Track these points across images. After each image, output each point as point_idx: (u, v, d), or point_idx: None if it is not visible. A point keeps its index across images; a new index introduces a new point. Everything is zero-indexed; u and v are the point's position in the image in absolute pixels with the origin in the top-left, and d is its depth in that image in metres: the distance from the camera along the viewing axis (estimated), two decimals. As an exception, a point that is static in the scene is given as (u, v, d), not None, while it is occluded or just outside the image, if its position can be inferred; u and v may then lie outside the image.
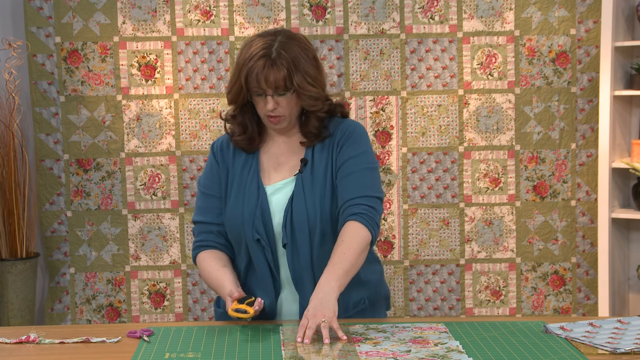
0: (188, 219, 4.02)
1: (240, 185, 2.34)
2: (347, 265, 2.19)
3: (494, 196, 4.05)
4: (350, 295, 2.32)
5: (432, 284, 4.07)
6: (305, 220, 2.27)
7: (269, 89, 2.24)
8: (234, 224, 2.32)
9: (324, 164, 2.32)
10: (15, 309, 3.95)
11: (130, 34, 3.99)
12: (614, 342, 1.98)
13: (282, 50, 2.25)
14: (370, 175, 2.31)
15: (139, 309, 4.07)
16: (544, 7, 3.98)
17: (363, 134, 2.35)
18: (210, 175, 2.40)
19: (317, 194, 2.29)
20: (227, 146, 2.40)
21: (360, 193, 2.27)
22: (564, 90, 4.02)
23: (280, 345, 2.03)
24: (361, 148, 2.32)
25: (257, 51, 2.26)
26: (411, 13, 3.99)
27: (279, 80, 2.24)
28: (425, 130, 4.03)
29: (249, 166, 2.36)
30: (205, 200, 2.39)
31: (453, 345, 2.00)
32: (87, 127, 4.02)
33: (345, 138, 2.32)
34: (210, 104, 4.01)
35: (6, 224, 3.98)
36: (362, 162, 2.31)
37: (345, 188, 2.28)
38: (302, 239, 2.28)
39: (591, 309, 4.05)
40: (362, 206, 2.25)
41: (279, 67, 2.23)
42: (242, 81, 2.27)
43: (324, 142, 2.34)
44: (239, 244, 2.35)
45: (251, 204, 2.31)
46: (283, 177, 2.34)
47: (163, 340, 2.10)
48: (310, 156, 2.33)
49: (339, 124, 2.36)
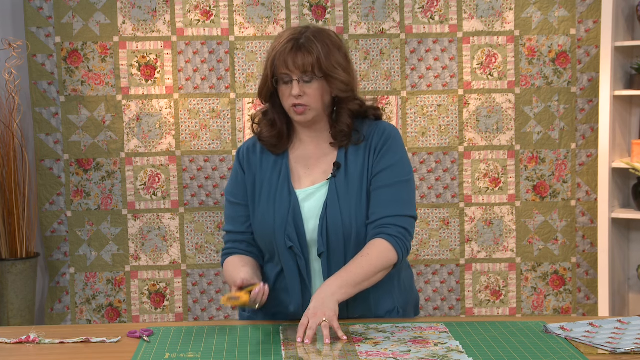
0: (188, 219, 4.02)
1: (270, 190, 2.27)
2: (359, 279, 2.15)
3: (494, 196, 4.05)
4: (382, 304, 2.29)
5: (432, 284, 4.07)
6: (340, 228, 2.20)
7: (296, 72, 2.17)
8: (264, 231, 2.26)
9: (359, 169, 2.24)
10: (15, 309, 3.95)
11: (130, 34, 3.99)
12: (614, 342, 1.98)
13: (312, 37, 2.20)
14: (407, 190, 2.24)
15: (139, 309, 4.07)
16: (544, 7, 3.98)
17: (399, 138, 2.27)
18: (236, 183, 2.33)
19: (353, 200, 2.22)
20: (254, 150, 2.32)
21: (395, 212, 2.20)
22: (564, 90, 4.02)
23: (280, 345, 2.03)
24: (398, 155, 2.25)
25: (287, 37, 2.21)
26: (411, 13, 3.99)
27: (307, 65, 2.16)
28: (425, 130, 4.03)
29: (278, 170, 2.28)
30: (232, 209, 2.33)
31: (453, 345, 2.00)
32: (87, 127, 4.02)
33: (383, 143, 2.24)
34: (210, 104, 4.01)
35: (6, 224, 3.98)
36: (399, 173, 2.23)
37: (379, 202, 2.21)
38: (336, 247, 2.21)
39: (591, 309, 4.05)
40: (397, 227, 2.19)
41: (308, 51, 2.17)
42: (268, 67, 2.20)
43: (359, 145, 2.25)
44: (269, 251, 2.28)
45: (283, 210, 2.23)
46: (314, 180, 2.27)
47: (163, 340, 2.10)
48: (343, 159, 2.25)
49: (374, 126, 2.27)
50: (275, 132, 2.28)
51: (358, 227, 2.21)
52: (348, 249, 2.22)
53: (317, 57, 2.17)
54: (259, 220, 2.27)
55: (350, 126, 2.25)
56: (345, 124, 2.24)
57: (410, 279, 2.41)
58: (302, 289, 2.25)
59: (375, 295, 2.29)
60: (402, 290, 2.35)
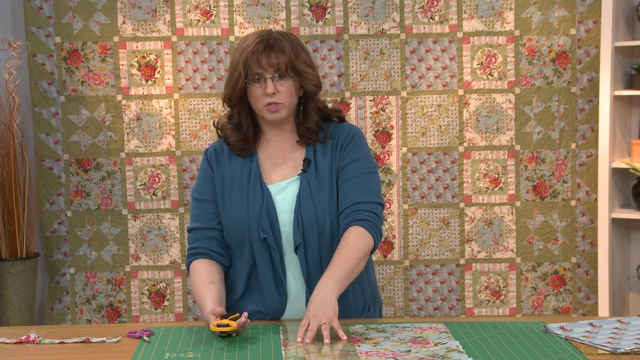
0: (188, 219, 4.02)
1: (242, 186, 2.30)
2: (349, 269, 2.18)
3: (494, 196, 4.05)
4: (358, 303, 2.33)
5: (432, 284, 4.07)
6: (314, 221, 2.25)
7: (270, 71, 2.23)
8: (237, 226, 2.28)
9: (328, 165, 2.30)
10: (15, 309, 3.95)
11: (130, 34, 3.99)
12: (614, 342, 1.98)
13: (280, 37, 2.27)
14: (373, 180, 2.31)
15: (139, 309, 4.07)
16: (544, 7, 3.98)
17: (363, 138, 2.36)
18: (204, 180, 2.36)
19: (325, 194, 2.27)
20: (222, 150, 2.37)
21: (363, 198, 2.26)
22: (564, 90, 4.02)
23: (280, 345, 2.03)
24: (363, 152, 2.33)
25: (254, 39, 2.26)
26: (411, 13, 3.99)
27: (280, 63, 2.23)
28: (425, 130, 4.03)
29: (248, 167, 2.32)
30: (198, 207, 2.35)
31: (453, 345, 2.00)
32: (87, 127, 4.02)
33: (348, 141, 2.32)
34: (210, 104, 4.01)
35: (6, 224, 3.98)
36: (364, 165, 2.31)
37: (348, 191, 2.28)
38: (311, 240, 2.26)
39: (591, 309, 4.06)
40: (367, 212, 2.25)
41: (281, 50, 2.24)
42: (240, 68, 2.24)
43: (326, 143, 2.32)
44: (241, 246, 2.30)
45: (256, 204, 2.27)
46: (283, 176, 2.32)
47: (163, 340, 2.10)
48: (312, 156, 2.31)
49: (339, 127, 2.35)
50: (242, 135, 2.33)
51: (331, 219, 2.27)
52: (322, 242, 2.26)
53: (289, 56, 2.24)
54: (231, 215, 2.29)
55: (318, 123, 2.32)
56: (313, 121, 2.31)
57: (375, 281, 2.46)
58: (277, 283, 2.27)
59: (353, 293, 2.32)
60: (370, 289, 2.40)
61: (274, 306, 2.27)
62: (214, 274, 2.29)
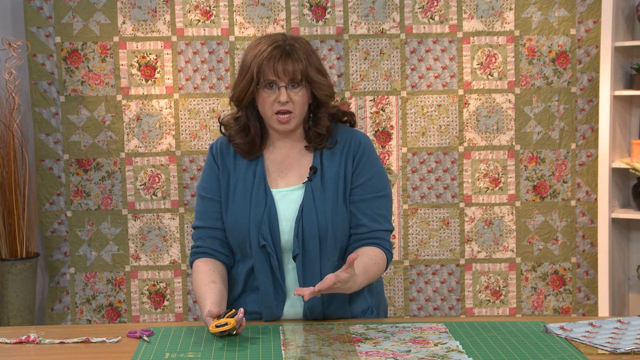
0: (188, 219, 4.02)
1: (245, 188, 2.27)
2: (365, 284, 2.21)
3: (494, 196, 4.05)
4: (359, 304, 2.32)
5: (432, 284, 4.07)
6: (316, 231, 2.22)
7: (284, 79, 2.19)
8: (238, 228, 2.26)
9: (334, 173, 2.26)
10: (15, 309, 3.95)
11: (130, 34, 3.99)
12: (614, 342, 1.98)
13: (295, 44, 2.22)
14: (387, 205, 2.31)
15: (139, 309, 4.07)
16: (544, 7, 3.98)
17: (374, 149, 2.34)
18: (209, 178, 2.33)
19: (329, 204, 2.24)
20: (227, 148, 2.33)
21: (385, 226, 2.28)
22: (564, 90, 4.02)
23: (280, 346, 2.03)
24: (376, 167, 2.30)
25: (269, 44, 2.21)
26: (411, 13, 3.99)
27: (296, 72, 2.18)
28: (425, 130, 4.03)
29: (253, 169, 2.29)
30: (204, 205, 2.33)
31: (453, 345, 2.00)
32: (87, 127, 4.02)
33: (362, 152, 2.28)
34: (210, 104, 4.01)
35: (6, 224, 3.98)
36: (377, 188, 2.29)
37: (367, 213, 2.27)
38: (312, 250, 2.23)
39: (591, 309, 4.06)
40: (385, 241, 2.28)
41: (297, 58, 2.19)
42: (253, 72, 2.19)
43: (334, 149, 2.28)
44: (241, 250, 2.29)
45: (259, 209, 2.24)
46: (289, 182, 2.28)
47: (163, 340, 2.10)
48: (318, 163, 2.27)
49: (350, 133, 2.31)
50: (249, 139, 2.29)
51: (334, 230, 2.24)
52: (323, 252, 2.24)
53: (305, 65, 2.20)
54: (233, 218, 2.27)
55: (329, 129, 2.28)
56: (324, 127, 2.27)
57: (381, 284, 2.46)
58: (275, 288, 2.25)
59: (352, 295, 2.30)
60: (372, 292, 2.39)
61: (271, 310, 2.26)
62: (216, 273, 2.28)
